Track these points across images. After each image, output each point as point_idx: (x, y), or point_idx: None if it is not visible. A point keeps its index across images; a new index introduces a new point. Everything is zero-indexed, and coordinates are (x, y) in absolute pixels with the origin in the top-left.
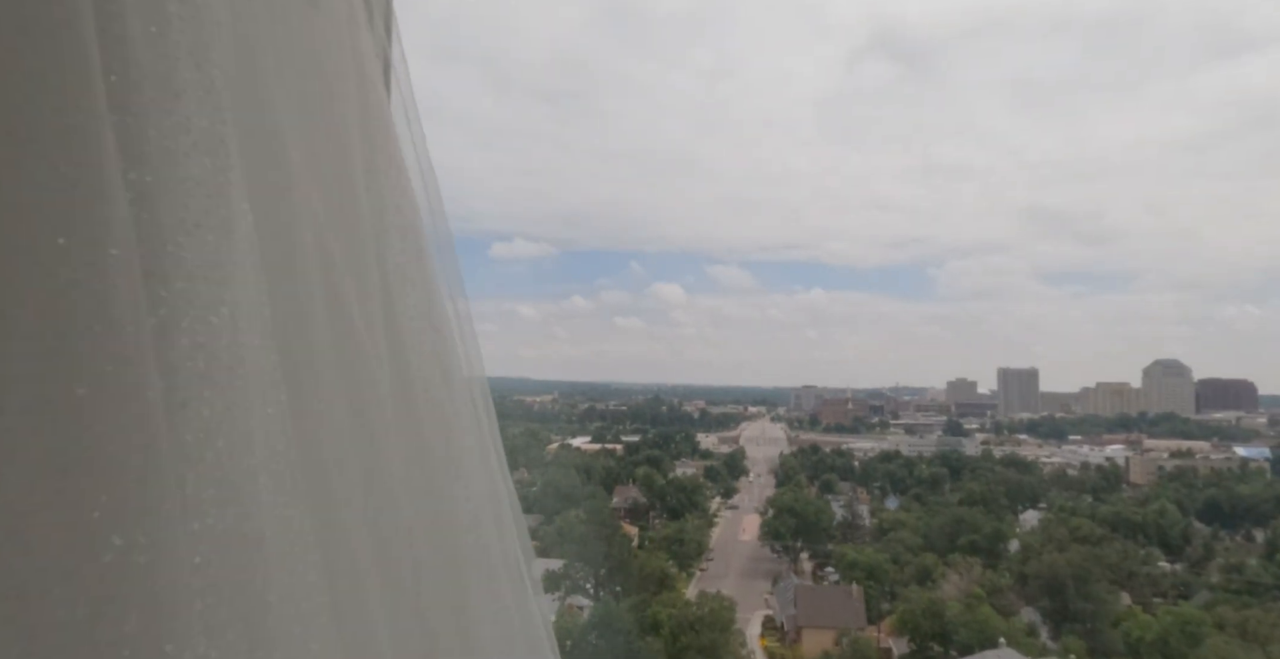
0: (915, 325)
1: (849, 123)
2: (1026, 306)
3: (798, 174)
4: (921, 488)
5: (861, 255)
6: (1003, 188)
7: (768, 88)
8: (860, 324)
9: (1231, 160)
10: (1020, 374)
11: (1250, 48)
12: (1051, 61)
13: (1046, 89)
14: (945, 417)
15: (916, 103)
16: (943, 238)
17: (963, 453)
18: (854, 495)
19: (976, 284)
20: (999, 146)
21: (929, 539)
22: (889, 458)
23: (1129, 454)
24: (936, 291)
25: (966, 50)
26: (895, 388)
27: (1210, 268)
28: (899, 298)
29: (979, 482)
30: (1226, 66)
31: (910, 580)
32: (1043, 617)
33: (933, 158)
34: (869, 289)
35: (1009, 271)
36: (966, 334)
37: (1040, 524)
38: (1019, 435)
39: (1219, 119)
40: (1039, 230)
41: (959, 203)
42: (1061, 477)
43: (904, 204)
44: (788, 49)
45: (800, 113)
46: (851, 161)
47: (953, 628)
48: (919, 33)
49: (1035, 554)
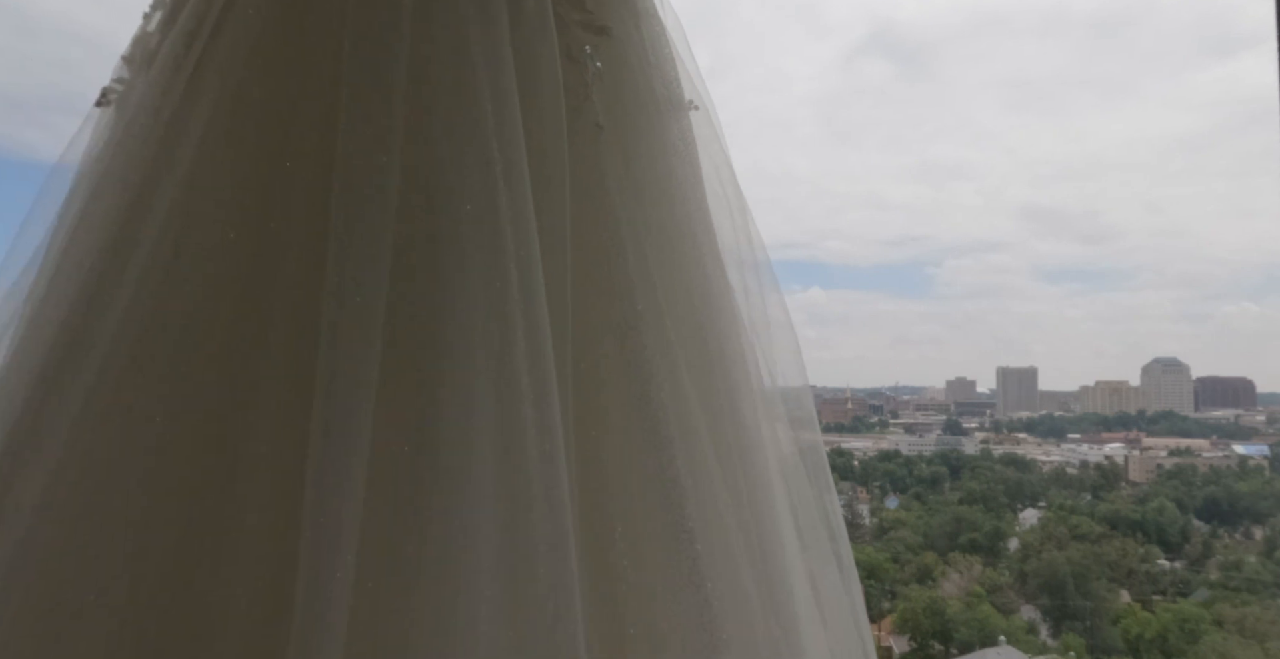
0: (914, 324)
1: (847, 122)
2: (1025, 305)
3: (796, 174)
4: (921, 487)
5: (860, 254)
6: (1000, 186)
7: (765, 87)
8: (859, 323)
9: (1229, 158)
10: (1019, 373)
11: (1247, 45)
12: (1048, 59)
13: (1043, 87)
14: (945, 415)
15: (914, 102)
16: (940, 236)
17: (962, 452)
18: (854, 494)
19: (975, 283)
20: (996, 145)
21: (929, 538)
22: (889, 457)
23: (1128, 452)
24: (935, 290)
25: (963, 49)
26: (894, 387)
27: (1208, 265)
28: (898, 297)
29: (979, 480)
30: (1224, 64)
31: (910, 579)
32: (1042, 614)
33: (930, 157)
34: (867, 288)
35: (1007, 270)
36: (965, 333)
37: (1040, 522)
38: (1018, 434)
39: (1216, 117)
40: (1037, 229)
41: (956, 201)
42: (1061, 475)
43: (902, 203)
44: (785, 49)
45: (798, 112)
46: (849, 161)
47: (953, 626)
48: (916, 31)
49: (1035, 552)
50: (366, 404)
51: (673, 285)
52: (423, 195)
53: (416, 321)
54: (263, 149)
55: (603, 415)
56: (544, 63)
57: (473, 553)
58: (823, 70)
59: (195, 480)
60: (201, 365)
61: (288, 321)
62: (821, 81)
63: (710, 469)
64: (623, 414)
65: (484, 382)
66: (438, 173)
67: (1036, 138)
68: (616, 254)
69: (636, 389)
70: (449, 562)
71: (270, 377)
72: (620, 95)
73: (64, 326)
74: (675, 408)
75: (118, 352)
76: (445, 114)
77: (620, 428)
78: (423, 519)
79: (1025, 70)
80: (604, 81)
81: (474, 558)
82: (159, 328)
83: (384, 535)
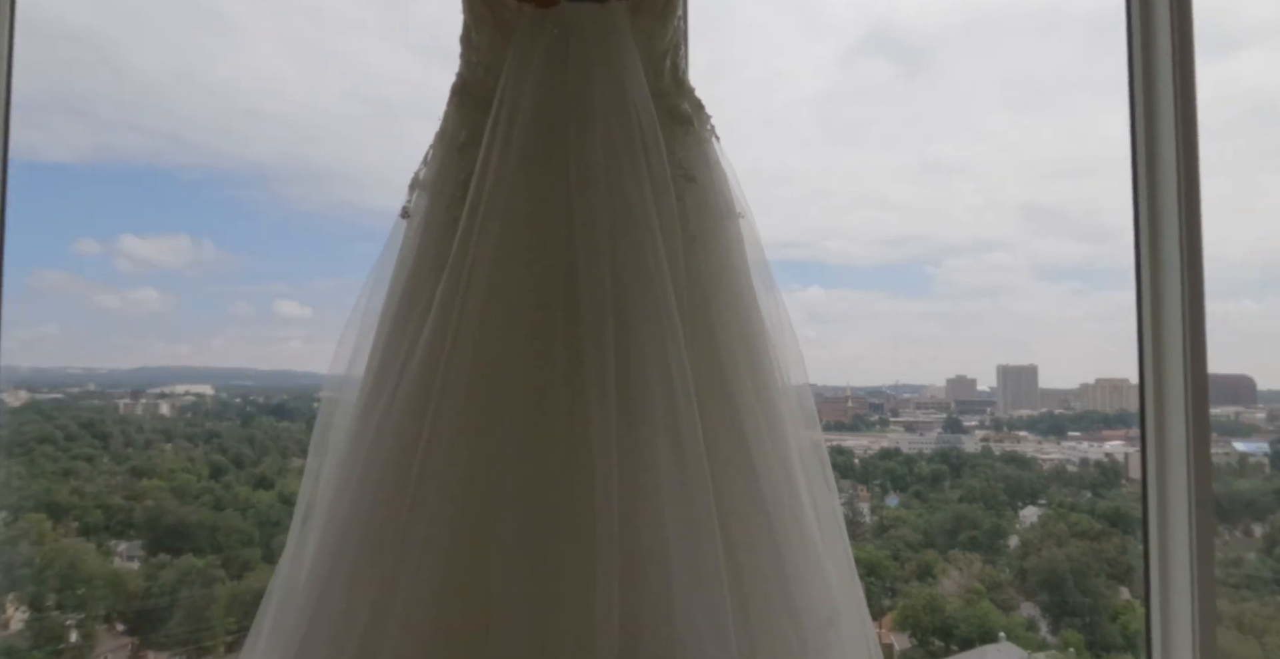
0: (914, 323)
1: (846, 121)
2: (1025, 304)
3: (795, 173)
4: (921, 485)
5: (860, 254)
6: (1000, 185)
7: (766, 87)
8: (859, 322)
9: (1227, 156)
10: (1019, 371)
11: (1247, 42)
12: (1048, 58)
13: (1043, 85)
14: (945, 414)
15: (913, 100)
16: (940, 236)
17: (962, 450)
18: (854, 493)
19: (975, 282)
20: (996, 143)
21: (929, 536)
22: (889, 455)
23: (1128, 450)
24: (934, 289)
25: (963, 47)
26: (895, 385)
27: (1207, 264)
28: (897, 296)
29: (979, 478)
30: (1223, 61)
31: (911, 577)
32: (1042, 611)
33: (930, 156)
34: (867, 287)
35: (1007, 269)
36: (965, 331)
37: (1040, 520)
38: (1018, 432)
39: (1215, 114)
40: (1036, 228)
41: (956, 200)
42: (1061, 472)
43: (901, 202)
44: (785, 48)
45: (797, 112)
46: (849, 160)
47: (953, 623)
48: (915, 30)
49: (1035, 550)
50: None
51: (733, 310)
52: (621, 270)
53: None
54: (528, 243)
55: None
56: (665, 200)
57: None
58: (822, 69)
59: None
60: (518, 375)
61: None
62: (821, 80)
63: (768, 453)
64: (716, 406)
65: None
66: (636, 257)
67: (1036, 136)
68: (707, 301)
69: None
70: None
71: (559, 380)
72: (702, 211)
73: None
74: (744, 400)
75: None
76: (634, 233)
77: (716, 418)
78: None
79: (1025, 69)
80: (692, 203)
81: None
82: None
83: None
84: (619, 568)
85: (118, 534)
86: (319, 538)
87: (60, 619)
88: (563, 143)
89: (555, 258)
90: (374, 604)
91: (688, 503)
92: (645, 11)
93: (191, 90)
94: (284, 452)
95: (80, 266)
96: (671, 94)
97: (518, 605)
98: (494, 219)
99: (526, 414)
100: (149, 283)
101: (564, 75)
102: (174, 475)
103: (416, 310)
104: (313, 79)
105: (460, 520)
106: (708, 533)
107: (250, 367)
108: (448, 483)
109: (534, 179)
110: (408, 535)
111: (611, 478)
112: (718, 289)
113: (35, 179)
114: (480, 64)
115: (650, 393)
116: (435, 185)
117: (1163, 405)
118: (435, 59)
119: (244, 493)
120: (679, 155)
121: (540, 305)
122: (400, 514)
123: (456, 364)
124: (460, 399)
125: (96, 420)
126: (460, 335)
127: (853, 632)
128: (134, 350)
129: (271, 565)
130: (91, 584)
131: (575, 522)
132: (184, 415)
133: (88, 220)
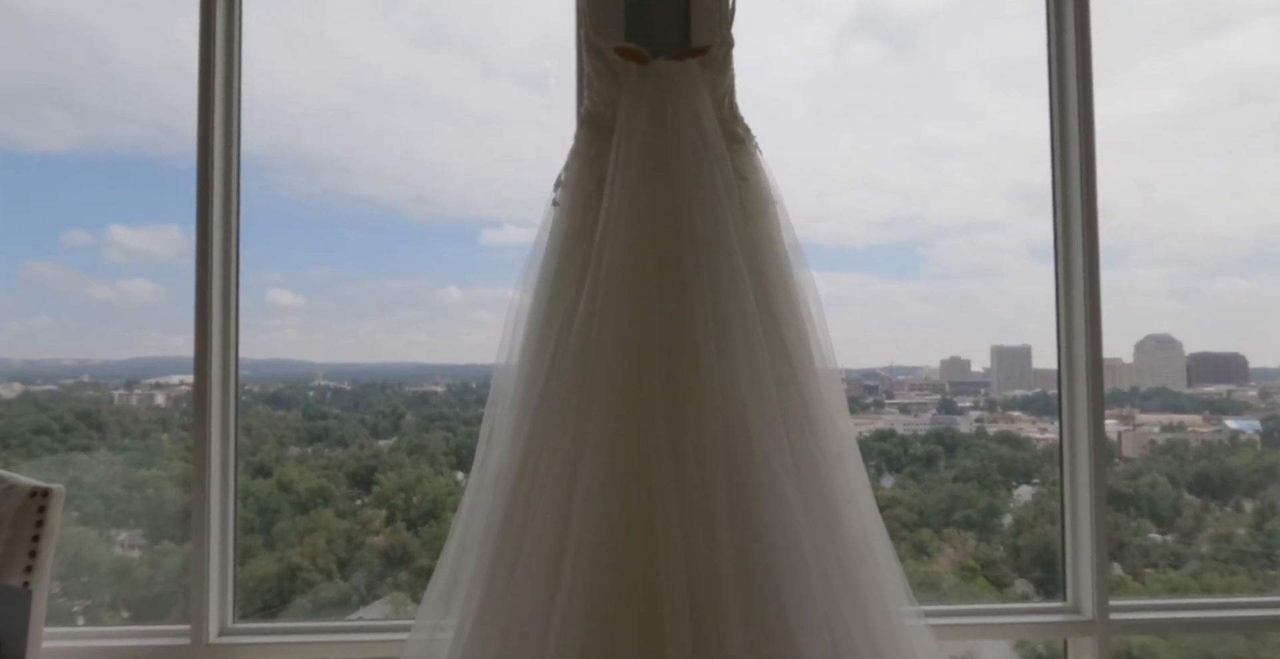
0: (908, 305)
1: (838, 104)
2: (1018, 284)
3: (788, 157)
4: (916, 465)
5: (852, 236)
6: (992, 165)
7: (757, 70)
8: (853, 304)
9: (1219, 136)
10: (1013, 351)
11: (1239, 21)
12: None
13: (1034, 66)
14: (939, 395)
15: (904, 82)
16: (932, 217)
17: (957, 430)
18: None
19: (967, 263)
20: (987, 124)
21: (924, 515)
22: (884, 437)
23: (1121, 429)
24: (928, 270)
25: (953, 26)
26: (889, 367)
27: (1198, 242)
28: (891, 278)
29: (973, 458)
30: (1215, 41)
31: (906, 555)
32: (1035, 587)
33: (921, 137)
34: (860, 269)
35: (999, 250)
36: (959, 313)
37: (1033, 498)
38: (1012, 412)
39: (1207, 94)
40: (1028, 208)
41: (948, 181)
42: (1054, 452)
43: (893, 184)
44: (776, 31)
45: (789, 95)
46: (841, 143)
47: (948, 600)
48: (905, 8)
49: (1028, 527)
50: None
51: (775, 293)
52: (716, 268)
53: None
54: (647, 225)
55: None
56: (730, 191)
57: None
58: (813, 52)
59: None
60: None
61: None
62: (813, 63)
63: (815, 375)
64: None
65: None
66: (716, 229)
67: (1028, 117)
68: (758, 278)
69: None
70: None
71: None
72: (751, 199)
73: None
74: (807, 378)
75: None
76: (713, 212)
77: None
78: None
79: (1016, 49)
80: (746, 194)
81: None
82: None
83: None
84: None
85: (118, 523)
86: (496, 484)
87: (67, 606)
88: (662, 154)
89: (665, 231)
90: (551, 548)
91: (759, 401)
92: (710, 66)
93: (181, 80)
94: (280, 440)
95: (71, 258)
96: (730, 121)
97: (673, 526)
98: (624, 208)
99: (666, 355)
100: (140, 273)
101: (660, 110)
102: (172, 464)
103: (572, 269)
104: (304, 67)
105: (618, 458)
106: (772, 419)
107: (244, 356)
108: (606, 423)
109: (646, 180)
110: (577, 475)
111: (724, 400)
112: (764, 257)
113: (23, 170)
114: (601, 101)
115: (732, 337)
116: (574, 185)
117: (1073, 383)
118: (427, 48)
119: (243, 481)
120: (735, 162)
121: (660, 268)
122: (570, 454)
123: (604, 324)
124: (609, 345)
125: (92, 411)
126: (606, 289)
127: (884, 550)
128: (127, 341)
129: (272, 552)
130: (96, 571)
131: (703, 437)
132: (179, 405)
133: (77, 211)
